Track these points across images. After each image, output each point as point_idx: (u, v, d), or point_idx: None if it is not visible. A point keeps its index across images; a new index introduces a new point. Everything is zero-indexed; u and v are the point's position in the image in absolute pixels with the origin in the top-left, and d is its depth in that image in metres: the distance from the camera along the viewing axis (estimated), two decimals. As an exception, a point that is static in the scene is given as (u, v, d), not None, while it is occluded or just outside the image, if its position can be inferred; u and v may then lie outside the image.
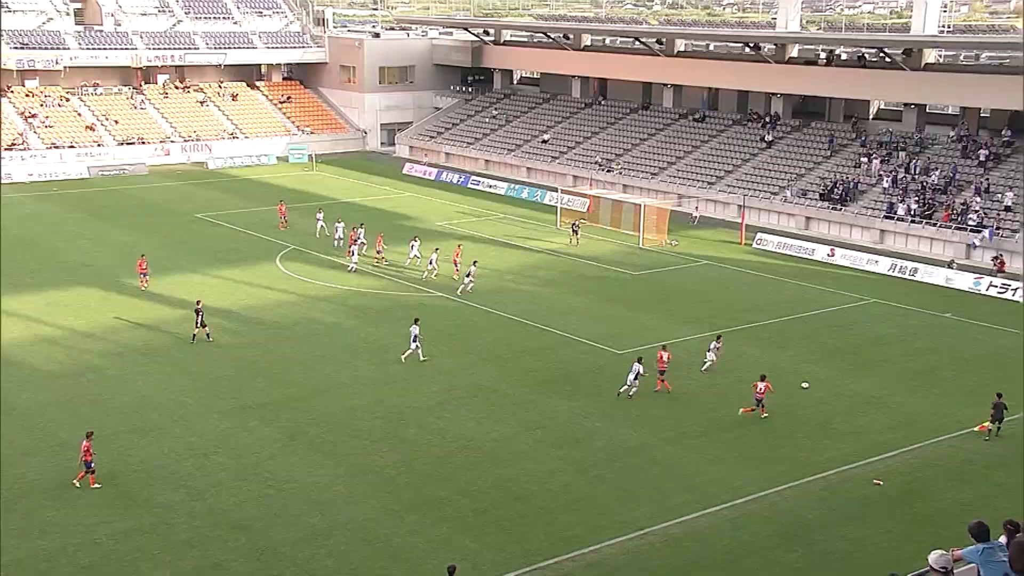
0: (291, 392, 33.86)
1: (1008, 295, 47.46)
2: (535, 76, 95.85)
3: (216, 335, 39.64)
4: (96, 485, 26.45)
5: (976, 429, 31.24)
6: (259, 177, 79.64)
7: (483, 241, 57.33)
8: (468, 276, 46.73)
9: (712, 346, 36.66)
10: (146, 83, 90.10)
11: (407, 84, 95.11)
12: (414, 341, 36.96)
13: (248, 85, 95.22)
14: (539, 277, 50.28)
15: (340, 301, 45.23)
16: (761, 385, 32.04)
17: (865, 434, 30.95)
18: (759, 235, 58.27)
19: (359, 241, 51.63)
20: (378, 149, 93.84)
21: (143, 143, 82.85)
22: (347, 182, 77.79)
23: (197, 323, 38.79)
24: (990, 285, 48.46)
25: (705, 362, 36.29)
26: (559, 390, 34.39)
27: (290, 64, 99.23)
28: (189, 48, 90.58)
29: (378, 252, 51.74)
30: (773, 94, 72.60)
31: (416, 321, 37.99)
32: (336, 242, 54.98)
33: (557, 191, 66.81)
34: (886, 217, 58.24)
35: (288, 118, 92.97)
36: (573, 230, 58.42)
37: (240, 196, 71.04)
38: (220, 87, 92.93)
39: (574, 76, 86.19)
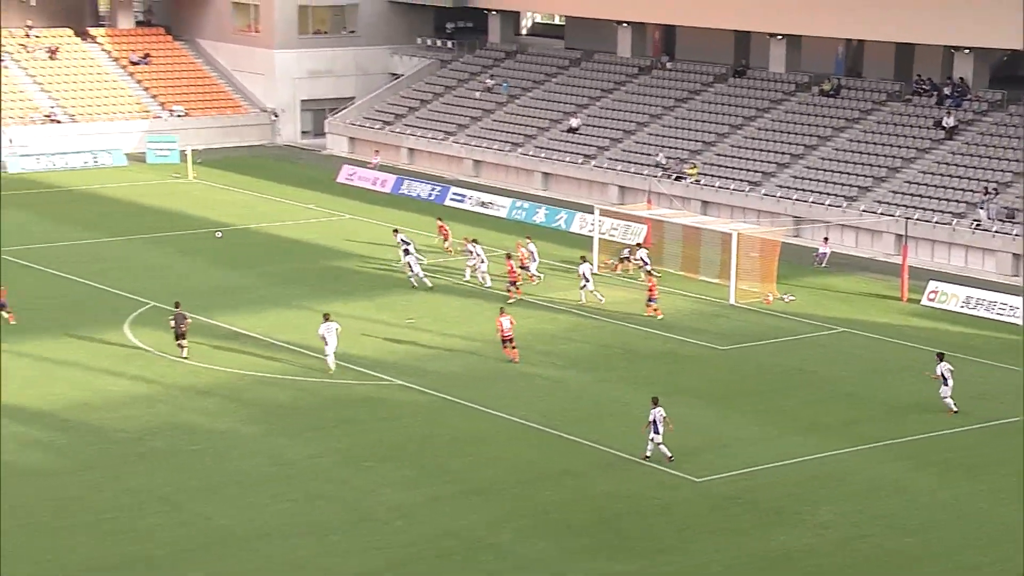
0: (145, 552, 33.60)
1: None
2: (557, 22, 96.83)
3: (19, 455, 39.54)
4: None
5: None
6: (96, 188, 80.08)
7: (473, 294, 57.63)
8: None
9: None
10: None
11: (345, 35, 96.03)
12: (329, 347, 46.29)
13: (77, 33, 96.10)
14: (563, 353, 50.49)
15: (230, 394, 45.24)
16: None
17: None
18: (932, 285, 58.45)
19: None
20: (297, 141, 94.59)
21: None
22: (244, 196, 78.19)
23: (176, 331, 47.24)
24: None
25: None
26: (596, 544, 34.28)
27: (149, 0, 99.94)
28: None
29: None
30: (956, 48, 73.16)
31: (327, 317, 46.84)
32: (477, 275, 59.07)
33: (594, 212, 67.13)
34: None
35: (146, 90, 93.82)
36: (624, 258, 61.34)
37: (64, 220, 71.44)
38: (28, 36, 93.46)
39: (621, 22, 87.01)
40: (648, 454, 39.24)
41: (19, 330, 51.42)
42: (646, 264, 60.23)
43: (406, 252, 59.06)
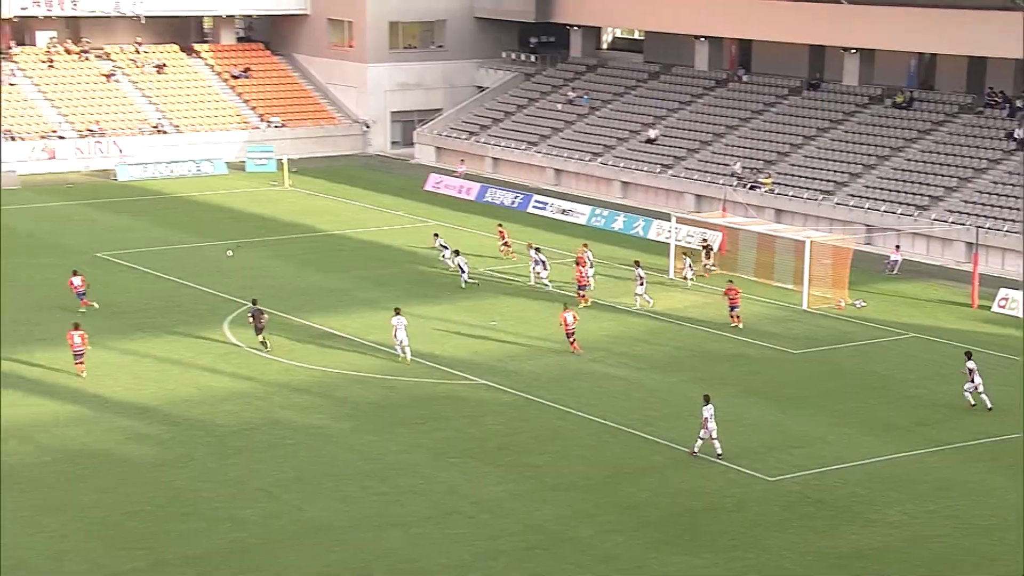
0: (240, 539, 33.98)
1: None
2: (636, 37, 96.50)
3: (125, 447, 40.18)
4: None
5: None
6: (199, 195, 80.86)
7: (554, 298, 57.60)
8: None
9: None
10: (19, 45, 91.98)
11: (434, 50, 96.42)
12: (398, 340, 48.01)
13: (183, 49, 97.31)
14: (640, 355, 50.45)
15: (323, 391, 45.61)
16: None
17: None
18: (1002, 292, 57.81)
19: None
20: (387, 152, 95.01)
21: (13, 139, 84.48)
22: (337, 204, 78.64)
23: (256, 326, 49.32)
24: None
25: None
26: (671, 539, 34.26)
27: (250, 17, 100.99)
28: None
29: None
30: (1027, 62, 72.47)
31: (398, 311, 48.30)
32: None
33: (671, 220, 66.90)
34: None
35: (246, 102, 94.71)
36: (704, 249, 62.58)
37: (168, 225, 72.22)
38: (138, 52, 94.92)
39: (699, 36, 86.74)
40: (720, 452, 39.14)
41: (129, 328, 52.40)
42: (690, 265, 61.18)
43: (456, 254, 59.94)
